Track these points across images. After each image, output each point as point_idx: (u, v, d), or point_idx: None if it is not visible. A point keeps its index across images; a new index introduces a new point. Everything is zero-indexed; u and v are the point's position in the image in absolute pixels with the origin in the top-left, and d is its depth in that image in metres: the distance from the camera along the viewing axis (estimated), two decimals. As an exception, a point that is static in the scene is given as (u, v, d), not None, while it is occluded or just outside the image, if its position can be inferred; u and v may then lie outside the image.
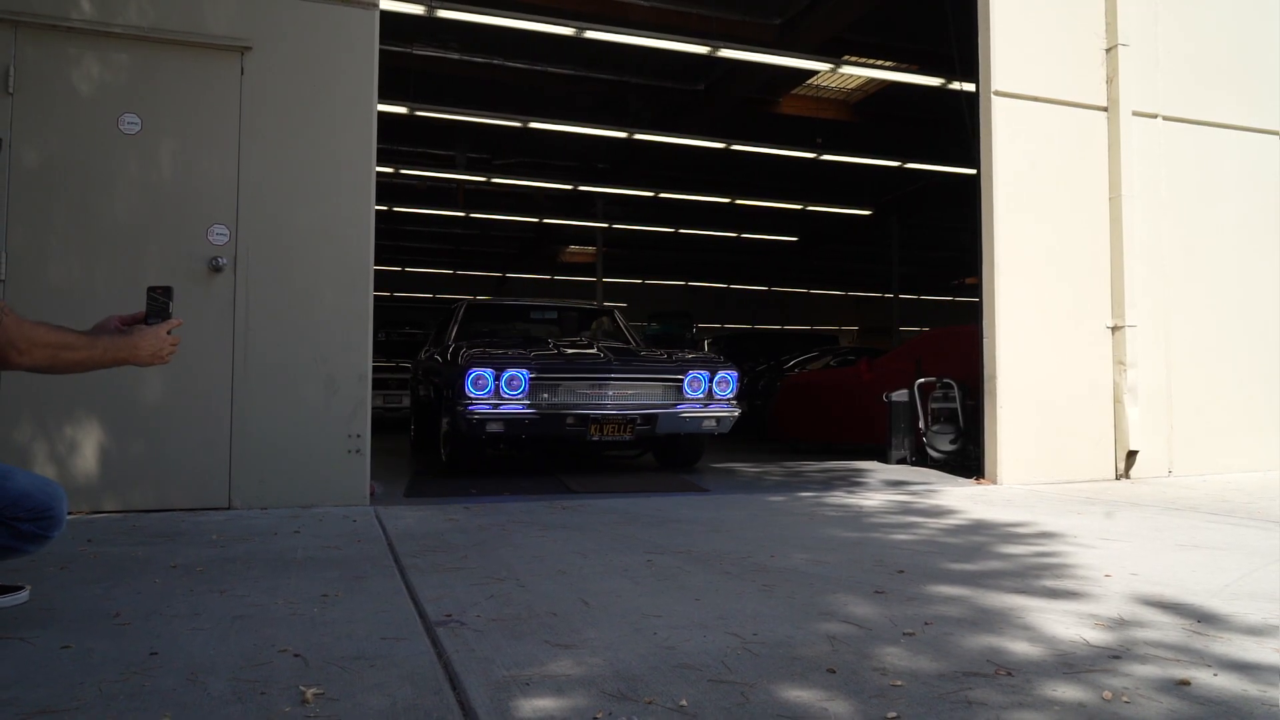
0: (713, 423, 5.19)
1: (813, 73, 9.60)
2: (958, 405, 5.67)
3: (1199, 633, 1.80)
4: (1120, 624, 1.88)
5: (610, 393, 4.99)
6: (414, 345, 9.84)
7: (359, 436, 3.94)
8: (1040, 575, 2.38)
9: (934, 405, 5.71)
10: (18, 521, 1.66)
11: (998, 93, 5.14)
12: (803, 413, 7.53)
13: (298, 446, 3.83)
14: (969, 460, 5.41)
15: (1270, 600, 2.09)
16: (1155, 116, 5.46)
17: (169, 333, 1.78)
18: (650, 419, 5.03)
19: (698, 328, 23.58)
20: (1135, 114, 5.36)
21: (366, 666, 1.58)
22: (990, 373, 4.92)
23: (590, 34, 7.16)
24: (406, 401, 8.54)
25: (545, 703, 1.39)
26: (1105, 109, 5.37)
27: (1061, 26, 5.29)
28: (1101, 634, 1.79)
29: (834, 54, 9.04)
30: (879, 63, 9.34)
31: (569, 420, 4.84)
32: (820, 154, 10.59)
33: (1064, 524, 3.32)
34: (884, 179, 12.47)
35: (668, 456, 5.87)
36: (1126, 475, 5.08)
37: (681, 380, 5.15)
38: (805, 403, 7.53)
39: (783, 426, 7.80)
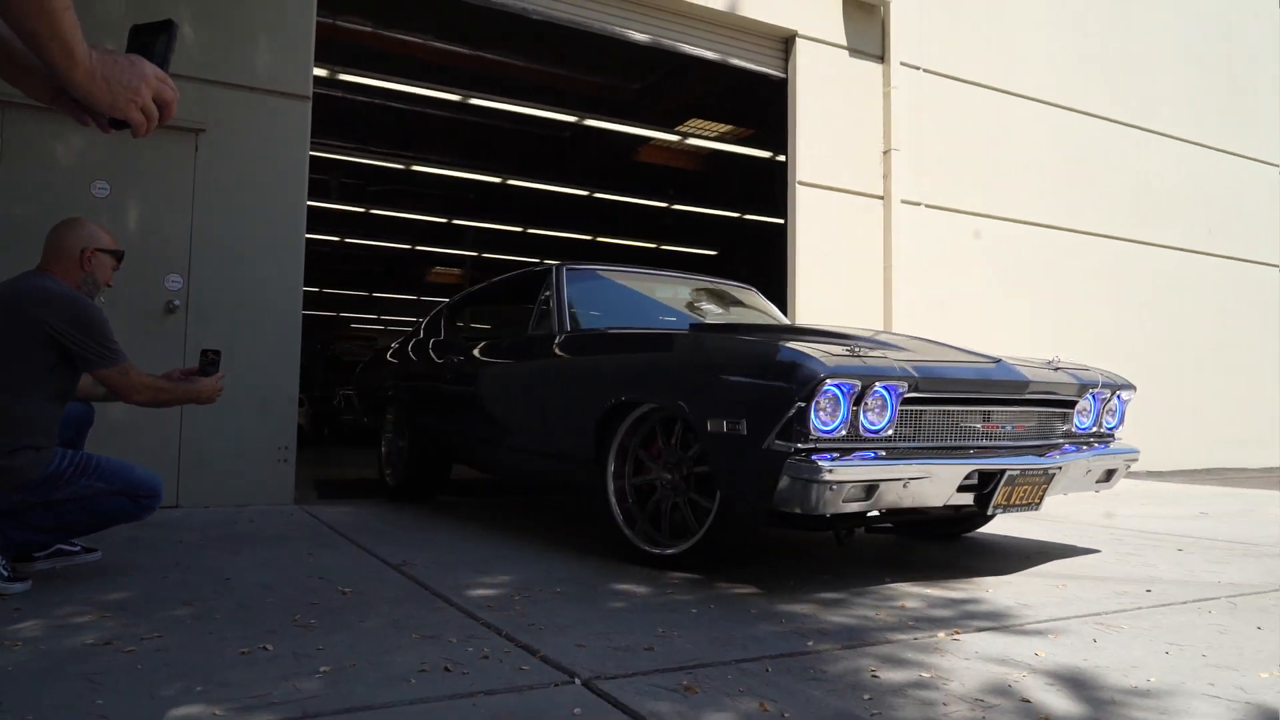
0: (1107, 477, 3.24)
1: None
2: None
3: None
4: (794, 582, 3.15)
5: (1010, 426, 2.98)
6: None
7: (287, 448, 4.85)
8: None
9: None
10: (140, 498, 2.61)
11: (801, 182, 6.60)
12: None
13: (236, 456, 4.69)
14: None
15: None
16: (919, 204, 7.09)
17: (217, 382, 2.80)
18: (1053, 475, 2.93)
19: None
20: (904, 202, 6.96)
21: (369, 583, 2.64)
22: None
23: (474, 101, 8.21)
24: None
25: (483, 592, 2.50)
26: (882, 197, 6.95)
27: (849, 134, 6.82)
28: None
29: (685, 117, 10.45)
30: (721, 128, 10.83)
31: (966, 480, 2.67)
32: (672, 204, 12.04)
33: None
34: (729, 223, 14.07)
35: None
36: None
37: (1074, 404, 3.17)
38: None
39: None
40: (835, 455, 2.43)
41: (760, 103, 7.86)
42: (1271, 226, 9.57)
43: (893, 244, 6.85)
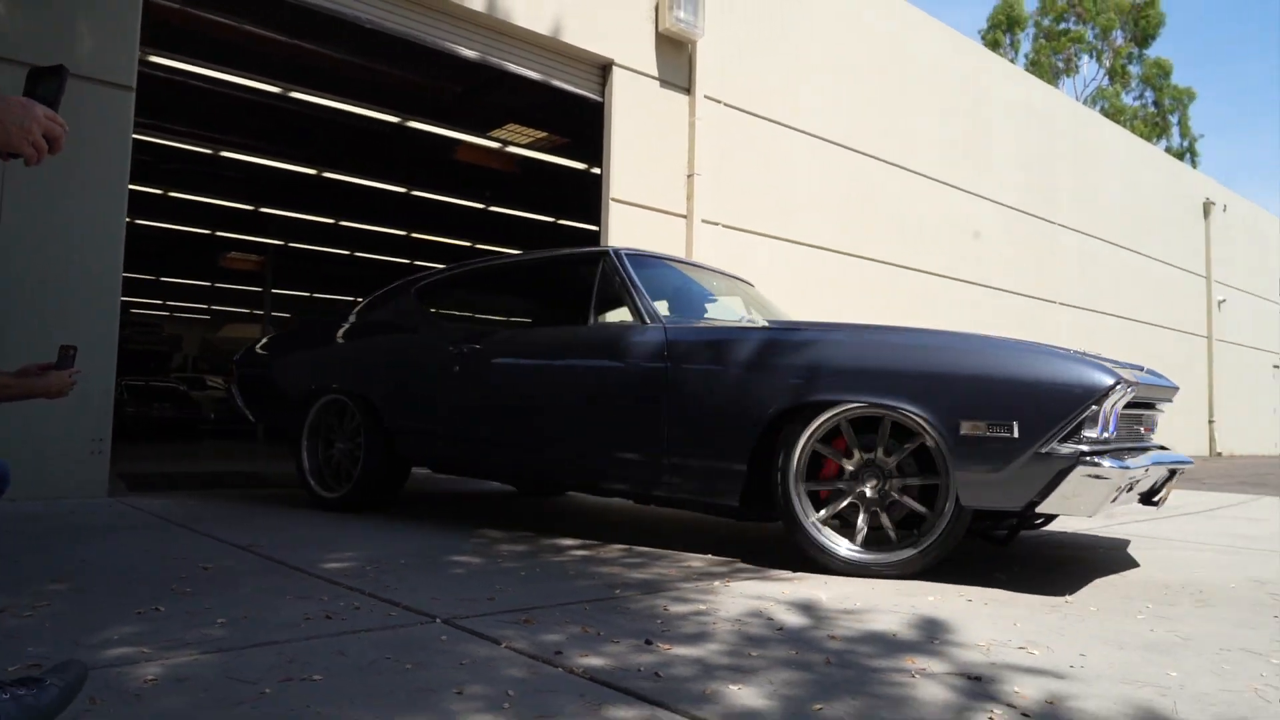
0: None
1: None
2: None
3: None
4: (602, 544, 3.73)
5: (1147, 428, 3.26)
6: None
7: (101, 440, 4.83)
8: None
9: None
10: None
11: (614, 199, 7.22)
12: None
13: (47, 449, 4.63)
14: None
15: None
16: (717, 224, 7.92)
17: (70, 376, 2.97)
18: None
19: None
20: (704, 221, 7.76)
21: (226, 560, 2.92)
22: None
23: (295, 94, 8.20)
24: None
25: (337, 565, 2.87)
26: (686, 216, 7.71)
27: (659, 157, 7.53)
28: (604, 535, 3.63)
29: (504, 121, 10.82)
30: (538, 135, 11.30)
31: (1165, 475, 3.10)
32: (489, 205, 12.38)
33: (627, 498, 5.29)
34: (543, 227, 14.55)
35: None
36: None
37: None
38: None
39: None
40: (1113, 457, 2.59)
41: (575, 114, 8.38)
42: (1005, 257, 11.34)
43: (694, 259, 7.62)
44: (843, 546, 2.93)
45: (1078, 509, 2.59)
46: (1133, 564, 3.28)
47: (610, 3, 7.19)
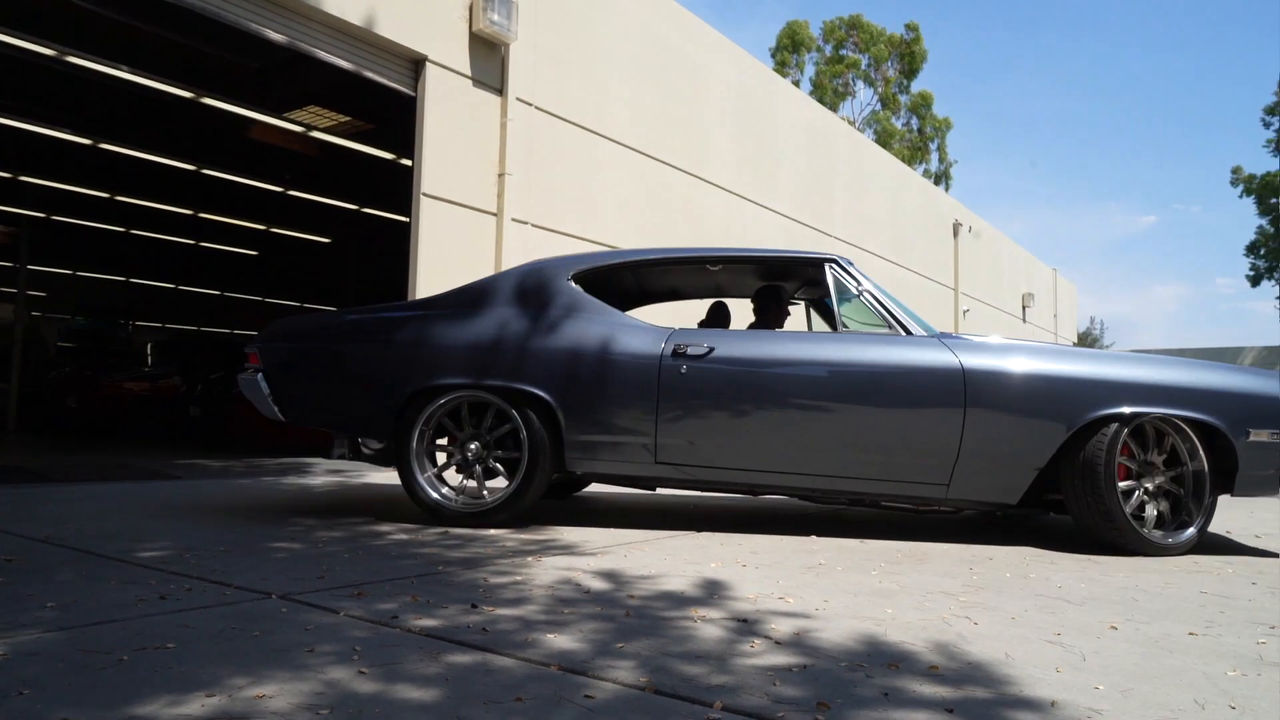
0: None
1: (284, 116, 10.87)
2: (386, 414, 7.66)
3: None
4: (420, 529, 3.96)
5: None
6: None
7: None
8: (410, 508, 4.42)
9: (369, 414, 7.61)
10: None
11: (425, 194, 7.31)
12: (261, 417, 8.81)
13: None
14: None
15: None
16: (527, 223, 8.20)
17: None
18: None
19: (134, 326, 22.19)
20: (514, 220, 8.01)
21: (29, 551, 2.87)
22: (408, 392, 7.01)
23: (72, 59, 7.57)
24: None
25: (153, 554, 2.90)
26: (496, 215, 7.93)
27: (471, 154, 7.69)
28: (422, 521, 3.85)
29: (305, 102, 10.46)
30: (341, 119, 11.01)
31: None
32: (288, 189, 11.89)
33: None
34: (347, 214, 14.13)
35: None
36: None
37: None
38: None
39: (238, 430, 9.00)
40: None
41: (383, 99, 8.31)
42: (787, 264, 12.41)
43: (503, 257, 7.86)
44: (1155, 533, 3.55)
45: None
46: (879, 535, 3.94)
47: (425, -1, 7.26)
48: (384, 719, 1.48)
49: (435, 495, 3.83)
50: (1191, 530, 3.51)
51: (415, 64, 7.37)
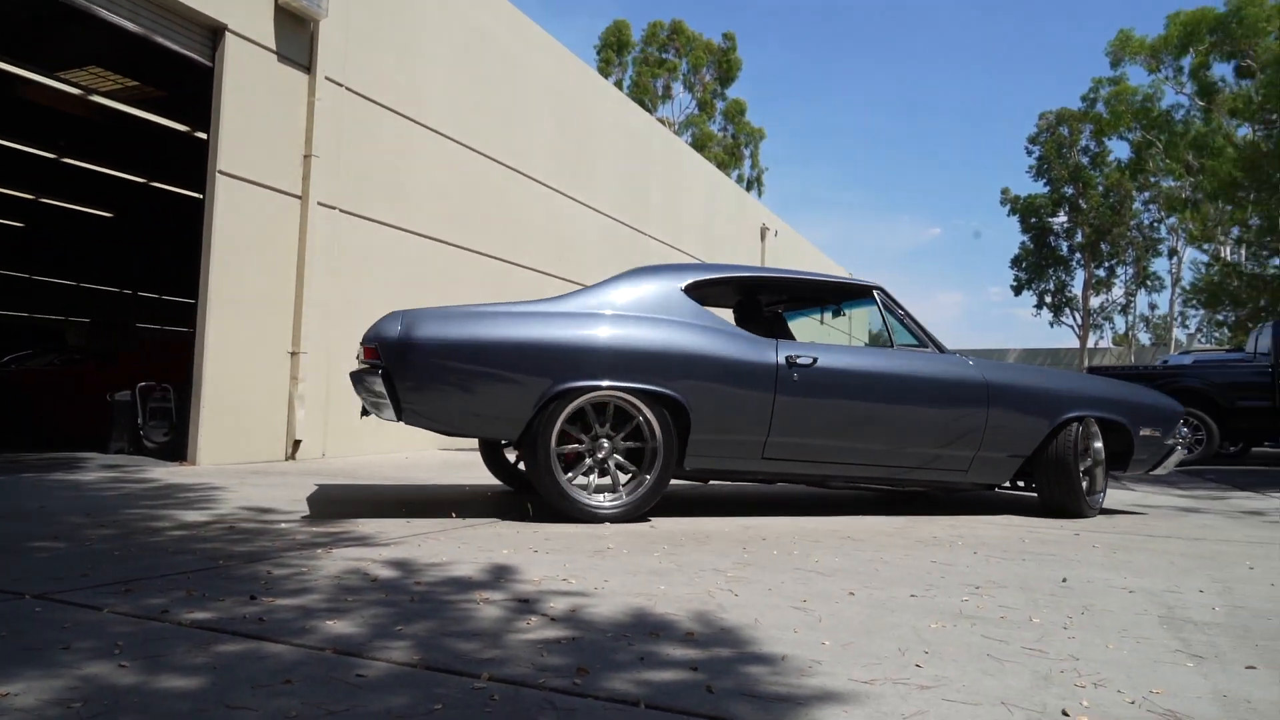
0: None
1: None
2: (172, 405, 7.21)
3: (263, 519, 3.86)
4: (222, 518, 3.81)
5: None
6: None
7: None
8: (191, 503, 4.22)
9: (153, 404, 7.14)
10: None
11: (221, 171, 6.91)
12: (18, 409, 8.03)
13: None
14: (179, 450, 6.98)
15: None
16: (335, 208, 7.92)
17: None
18: None
19: None
20: (320, 204, 7.72)
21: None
22: (198, 381, 6.62)
23: None
24: None
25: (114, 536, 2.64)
26: (301, 197, 7.61)
27: (274, 133, 7.34)
28: (205, 516, 3.70)
29: (84, 62, 9.54)
30: (128, 83, 10.12)
31: None
32: (63, 156, 10.78)
33: (227, 482, 5.23)
34: (133, 187, 13.01)
35: None
36: (293, 457, 7.32)
37: None
38: (23, 401, 8.05)
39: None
40: None
41: (177, 68, 7.77)
42: (600, 256, 12.67)
43: (307, 242, 7.56)
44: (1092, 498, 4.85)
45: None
46: (668, 514, 4.19)
47: (224, -34, 6.86)
48: (143, 709, 1.48)
49: (585, 500, 3.99)
50: (1102, 495, 4.87)
51: (214, 32, 6.94)
